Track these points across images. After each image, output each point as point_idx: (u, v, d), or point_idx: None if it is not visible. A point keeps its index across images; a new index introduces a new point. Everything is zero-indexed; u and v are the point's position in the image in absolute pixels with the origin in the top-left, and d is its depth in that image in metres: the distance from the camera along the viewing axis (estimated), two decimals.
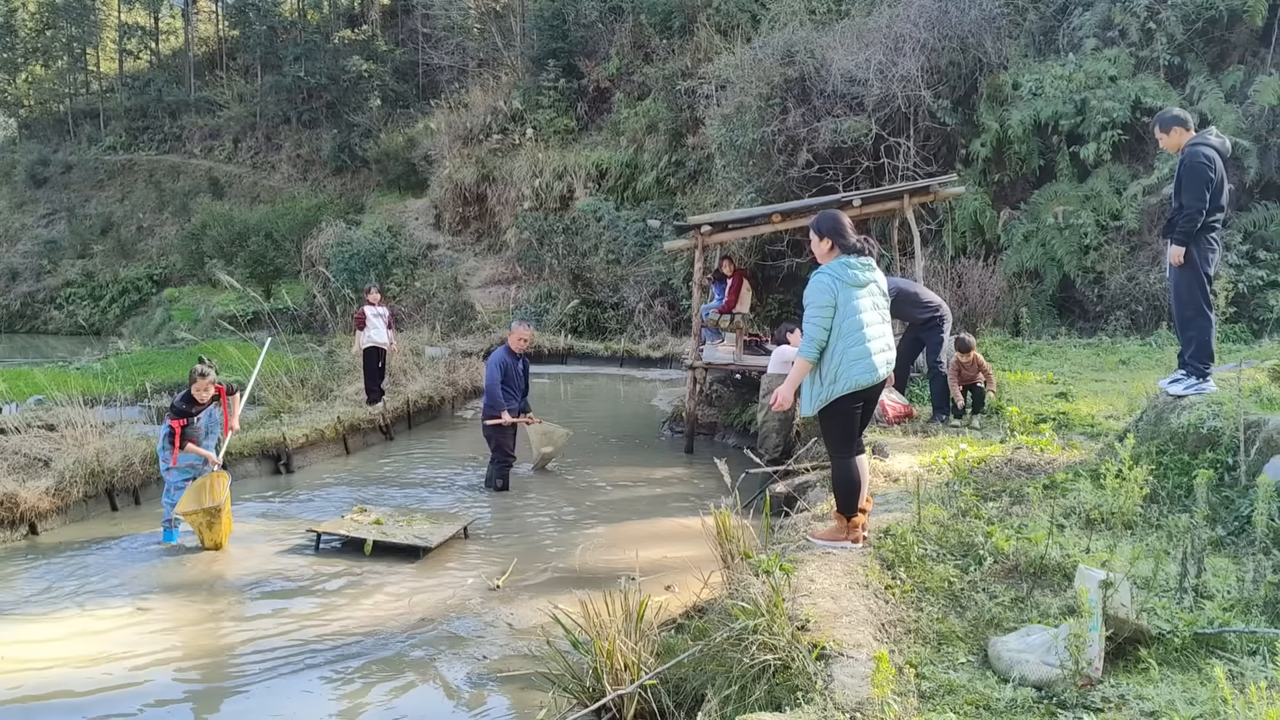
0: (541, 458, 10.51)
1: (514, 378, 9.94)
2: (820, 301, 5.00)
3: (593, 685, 4.39)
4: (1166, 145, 6.35)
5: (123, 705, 5.09)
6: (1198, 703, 3.40)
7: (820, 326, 4.98)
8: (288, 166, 38.15)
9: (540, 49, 27.47)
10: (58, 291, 36.12)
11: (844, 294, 4.99)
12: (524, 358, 10.17)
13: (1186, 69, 14.49)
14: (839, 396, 4.97)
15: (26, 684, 5.27)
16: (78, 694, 5.19)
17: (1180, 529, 4.96)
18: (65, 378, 15.26)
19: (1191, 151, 6.05)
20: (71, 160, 42.64)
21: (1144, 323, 13.68)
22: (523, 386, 10.10)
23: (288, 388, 13.04)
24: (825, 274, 5.06)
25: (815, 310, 5.01)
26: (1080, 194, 14.54)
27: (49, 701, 5.11)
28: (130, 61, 48.18)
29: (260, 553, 7.66)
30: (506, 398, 9.80)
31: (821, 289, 5.02)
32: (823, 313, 4.98)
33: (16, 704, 5.05)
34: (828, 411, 5.06)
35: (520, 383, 10.04)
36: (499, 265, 25.34)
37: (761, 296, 16.64)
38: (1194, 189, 5.94)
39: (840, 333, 4.97)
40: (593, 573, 7.03)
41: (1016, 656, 3.75)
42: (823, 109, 16.07)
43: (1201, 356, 6.15)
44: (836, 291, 4.99)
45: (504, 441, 9.80)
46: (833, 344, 4.98)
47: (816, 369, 5.04)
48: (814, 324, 5.00)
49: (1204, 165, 5.96)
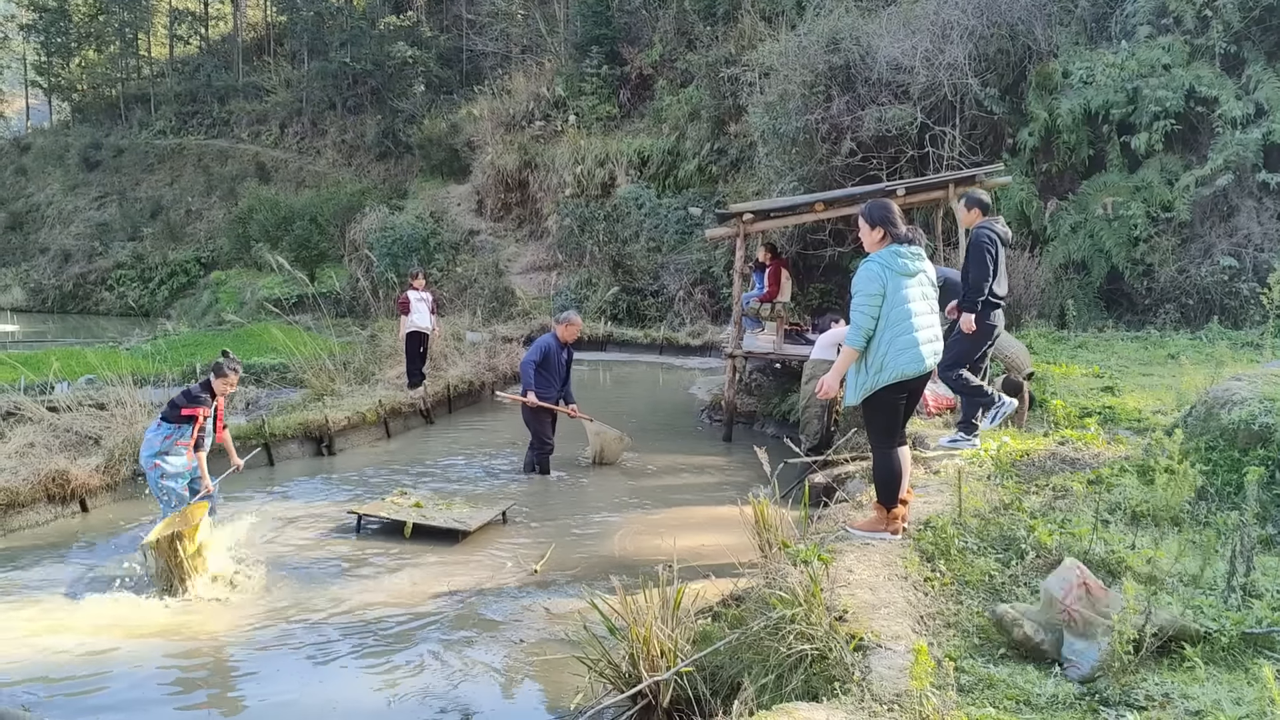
0: (597, 455, 10.40)
1: (555, 365, 9.91)
2: (869, 290, 4.97)
3: (629, 671, 4.40)
4: (962, 221, 7.34)
5: (162, 681, 5.18)
6: (1244, 703, 3.34)
7: (868, 315, 4.95)
8: (333, 151, 38.51)
9: (583, 35, 27.46)
10: (109, 273, 36.84)
11: (893, 283, 4.95)
12: (569, 348, 10.15)
13: (1243, 57, 14.14)
14: (884, 386, 4.94)
15: (61, 662, 5.37)
16: (116, 672, 5.28)
17: (1229, 526, 4.86)
18: (115, 358, 15.57)
19: (979, 231, 6.92)
20: (123, 144, 43.37)
21: (1194, 316, 13.41)
22: (563, 375, 10.05)
23: (330, 371, 13.19)
24: (875, 262, 5.02)
25: (864, 299, 4.98)
26: (1130, 185, 14.26)
27: (86, 679, 5.21)
28: (180, 47, 48.88)
29: (302, 534, 7.76)
30: (544, 384, 9.77)
31: (871, 277, 4.98)
32: (871, 301, 4.95)
33: (47, 683, 5.15)
34: (872, 401, 5.03)
35: (562, 371, 9.99)
36: (540, 252, 25.42)
37: (803, 285, 16.54)
38: (979, 262, 6.79)
39: (888, 322, 4.93)
40: (630, 559, 7.05)
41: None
42: (867, 97, 15.89)
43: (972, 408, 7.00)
44: (886, 280, 4.95)
45: (540, 428, 9.80)
46: (880, 333, 4.94)
47: (863, 358, 5.01)
48: (862, 312, 4.97)
49: (986, 245, 6.81)
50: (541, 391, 9.74)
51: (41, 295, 37.48)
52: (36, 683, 5.08)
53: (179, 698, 5.03)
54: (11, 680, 5.09)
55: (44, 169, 44.00)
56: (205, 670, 5.33)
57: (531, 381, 9.69)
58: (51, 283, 37.76)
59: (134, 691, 5.06)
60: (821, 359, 9.96)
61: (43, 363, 14.27)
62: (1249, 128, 13.48)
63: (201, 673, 5.30)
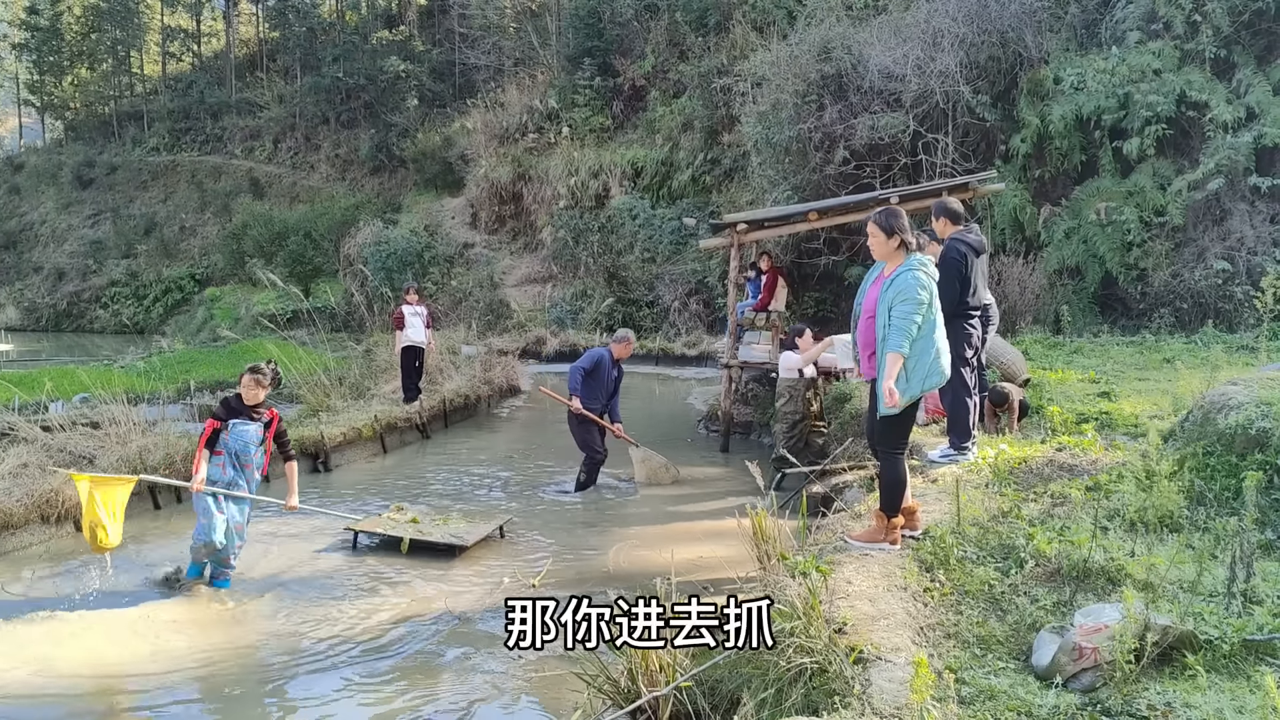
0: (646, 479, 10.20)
1: (604, 378, 9.79)
2: (918, 297, 4.96)
3: (628, 686, 4.37)
4: (938, 231, 7.15)
5: (156, 700, 5.14)
6: (1247, 711, 3.32)
7: (915, 324, 4.95)
8: (326, 166, 38.53)
9: (576, 47, 27.53)
10: (103, 291, 36.77)
11: (930, 292, 4.97)
12: (620, 367, 10.04)
13: (1233, 62, 14.19)
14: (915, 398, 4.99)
15: (58, 684, 5.33)
16: (112, 692, 5.25)
17: (1228, 532, 4.85)
18: (109, 376, 15.50)
19: (950, 245, 6.87)
20: (116, 161, 43.37)
21: (1189, 320, 13.42)
22: (610, 390, 9.93)
23: (326, 386, 13.15)
24: (917, 271, 5.01)
25: (912, 306, 4.95)
26: (1123, 190, 14.29)
27: (78, 700, 5.17)
28: (173, 64, 48.93)
29: (298, 550, 7.72)
30: (590, 395, 9.63)
31: (917, 285, 4.98)
32: (919, 310, 4.96)
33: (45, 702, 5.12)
34: (902, 410, 5.03)
35: (609, 386, 9.88)
36: (534, 264, 25.41)
37: (798, 294, 16.54)
38: (948, 279, 6.63)
39: (923, 332, 4.95)
40: (628, 572, 7.02)
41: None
42: (860, 105, 15.93)
43: (959, 431, 6.89)
44: (931, 289, 4.97)
45: (589, 439, 9.69)
46: (916, 343, 4.95)
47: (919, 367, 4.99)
48: (909, 319, 4.94)
49: (956, 260, 6.76)
50: (586, 402, 9.61)
51: (35, 314, 37.41)
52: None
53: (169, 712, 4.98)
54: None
55: (37, 187, 43.97)
56: (198, 689, 5.28)
57: (579, 387, 9.56)
58: (45, 301, 37.68)
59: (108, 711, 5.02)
60: (788, 379, 9.94)
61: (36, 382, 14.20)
62: (1240, 131, 13.52)
63: (193, 691, 5.25)
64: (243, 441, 6.79)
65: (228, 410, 6.80)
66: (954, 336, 6.79)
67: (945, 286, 6.69)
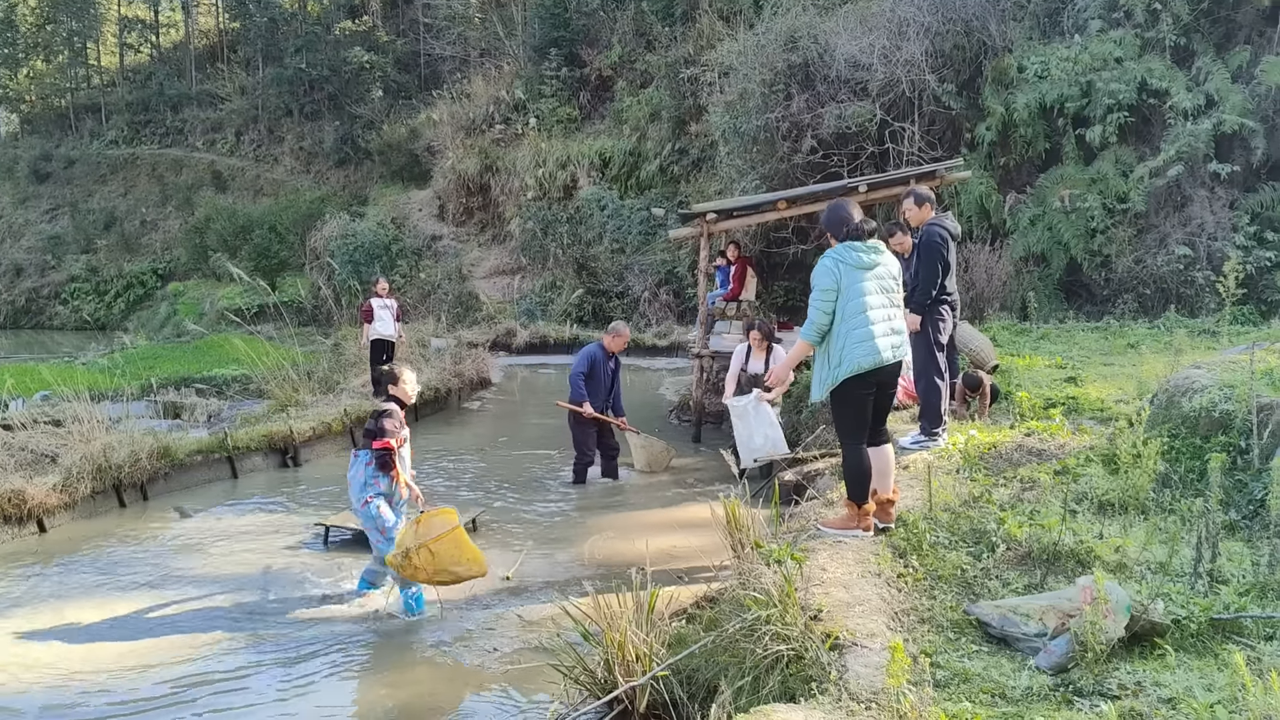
0: (644, 466, 10.19)
1: (601, 376, 9.75)
2: (822, 285, 5.02)
3: (604, 677, 4.37)
4: (912, 218, 7.12)
5: (126, 699, 5.08)
6: (1215, 689, 3.38)
7: (822, 310, 5.00)
8: (290, 159, 38.05)
9: (542, 38, 27.35)
10: (62, 287, 36.10)
11: (848, 277, 4.98)
12: (616, 358, 9.98)
13: (1193, 49, 14.38)
14: (844, 380, 4.95)
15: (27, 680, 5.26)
16: (74, 688, 5.19)
17: (1194, 513, 4.92)
18: (71, 373, 15.27)
19: (930, 230, 6.87)
20: (74, 155, 42.55)
21: (1152, 306, 13.61)
22: (609, 385, 9.87)
23: (294, 381, 13.01)
24: (828, 257, 5.06)
25: (817, 294, 5.04)
26: (1086, 177, 14.45)
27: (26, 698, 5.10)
28: (131, 55, 48.04)
29: (269, 546, 7.65)
30: (590, 394, 9.59)
31: (823, 272, 5.05)
32: (824, 296, 5.00)
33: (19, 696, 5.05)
34: (836, 397, 5.05)
35: (607, 382, 9.83)
36: (503, 256, 25.28)
37: (767, 284, 16.58)
38: (930, 262, 6.75)
39: (843, 315, 4.96)
40: (603, 563, 7.02)
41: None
42: (826, 95, 15.98)
43: (930, 417, 6.92)
44: (839, 275, 4.98)
45: (583, 438, 9.64)
46: (836, 327, 4.98)
47: (824, 353, 5.03)
48: (815, 308, 5.03)
49: (939, 245, 6.78)
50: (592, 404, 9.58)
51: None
52: None
53: (143, 715, 4.92)
54: None
55: None
56: (169, 686, 5.22)
57: (583, 393, 9.53)
58: (3, 298, 36.94)
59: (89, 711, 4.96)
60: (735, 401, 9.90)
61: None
62: (1200, 119, 13.70)
63: (165, 689, 5.18)
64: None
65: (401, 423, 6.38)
66: (927, 323, 6.87)
67: (927, 271, 6.81)
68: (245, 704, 5.06)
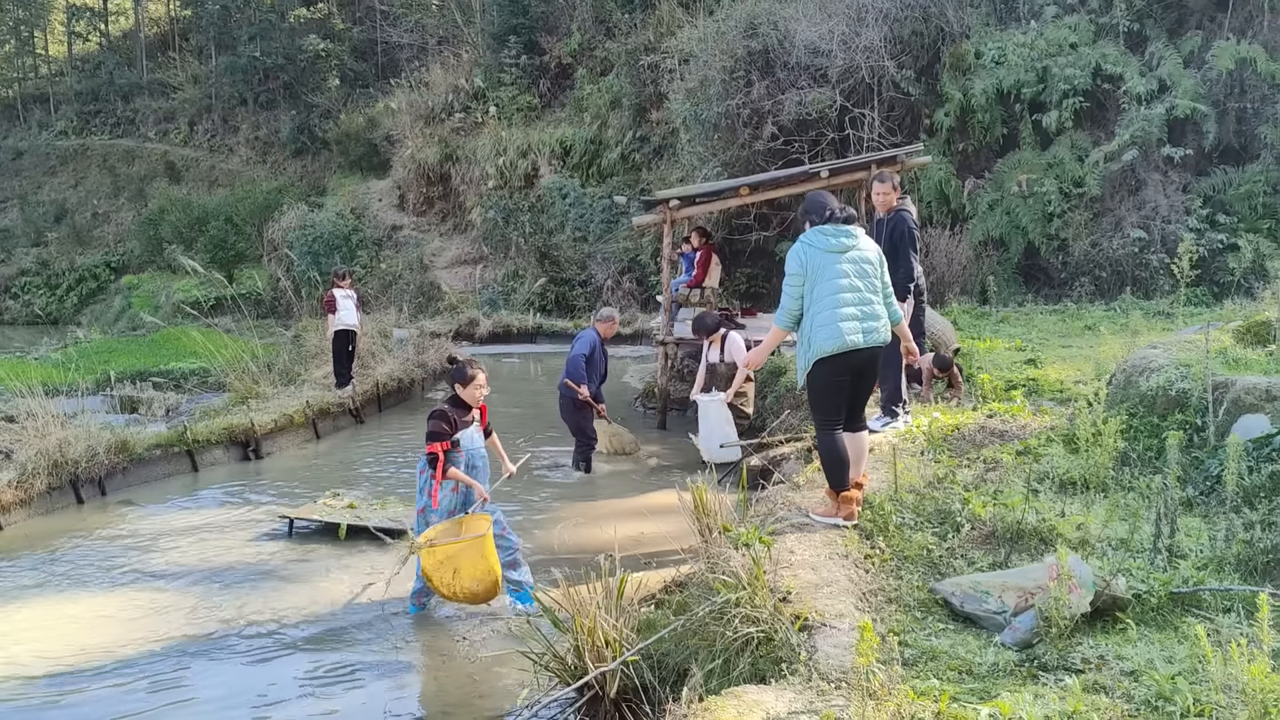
0: (610, 450, 10.09)
1: (597, 361, 9.67)
2: (790, 270, 5.04)
3: (575, 663, 4.37)
4: (882, 204, 7.10)
5: (92, 689, 5.01)
6: (1176, 661, 3.44)
7: (791, 296, 5.02)
8: (246, 149, 37.44)
9: (500, 25, 27.12)
10: (12, 281, 35.28)
11: (817, 261, 4.98)
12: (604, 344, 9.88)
13: (1145, 35, 14.60)
14: (815, 364, 4.96)
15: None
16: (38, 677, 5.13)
17: (1152, 490, 5.01)
18: (24, 368, 14.96)
19: (901, 217, 6.92)
20: (22, 146, 41.58)
21: (1108, 288, 13.83)
22: (602, 372, 9.81)
23: (254, 373, 12.84)
24: (798, 243, 5.07)
25: (786, 279, 5.07)
26: (1043, 162, 14.64)
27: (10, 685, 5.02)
28: (79, 44, 46.96)
29: (232, 540, 7.56)
30: (588, 379, 9.48)
31: (791, 257, 5.07)
32: (792, 281, 5.03)
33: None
34: (809, 380, 5.05)
35: (600, 368, 9.76)
36: (465, 245, 25.09)
37: (730, 270, 16.62)
38: (905, 250, 6.82)
39: (813, 299, 4.98)
40: (572, 551, 7.00)
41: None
42: (787, 81, 16.01)
43: (893, 398, 7.06)
44: (807, 260, 4.99)
45: (584, 424, 9.55)
46: (807, 311, 4.98)
47: (801, 339, 5.04)
48: (785, 294, 5.06)
49: (915, 230, 6.93)
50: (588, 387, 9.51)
51: None
52: None
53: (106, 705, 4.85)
54: None
55: None
56: (136, 677, 5.14)
57: (583, 373, 9.39)
58: None
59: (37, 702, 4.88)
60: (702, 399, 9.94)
61: None
62: (1153, 104, 13.92)
63: (125, 680, 5.10)
64: (474, 446, 6.17)
65: (453, 426, 6.01)
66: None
67: (906, 257, 6.86)
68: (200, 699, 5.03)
